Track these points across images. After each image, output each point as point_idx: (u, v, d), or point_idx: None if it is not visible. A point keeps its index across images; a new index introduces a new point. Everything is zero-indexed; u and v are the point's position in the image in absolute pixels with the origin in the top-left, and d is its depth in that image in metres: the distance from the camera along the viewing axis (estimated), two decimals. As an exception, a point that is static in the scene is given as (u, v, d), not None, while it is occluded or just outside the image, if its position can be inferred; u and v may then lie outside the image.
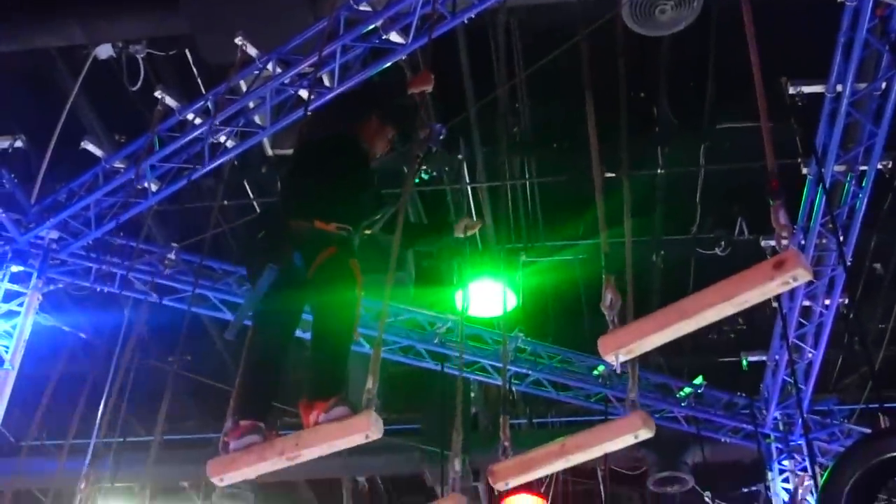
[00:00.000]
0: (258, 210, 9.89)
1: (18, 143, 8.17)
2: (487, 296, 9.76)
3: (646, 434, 3.59)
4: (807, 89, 8.18)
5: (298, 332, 4.19)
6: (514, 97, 9.13)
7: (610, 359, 3.57)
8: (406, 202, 4.27)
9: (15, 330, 8.44)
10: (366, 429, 3.37)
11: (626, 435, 3.63)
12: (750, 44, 3.77)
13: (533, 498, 10.74)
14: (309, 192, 4.31)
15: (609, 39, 6.22)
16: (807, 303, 9.40)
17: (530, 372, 10.01)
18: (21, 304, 8.56)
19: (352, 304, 3.94)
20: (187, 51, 8.45)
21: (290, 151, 8.50)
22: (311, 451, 3.51)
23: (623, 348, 3.55)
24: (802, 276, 3.17)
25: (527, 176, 9.83)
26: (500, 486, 4.06)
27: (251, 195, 9.78)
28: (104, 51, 8.24)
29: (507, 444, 4.10)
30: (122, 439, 9.66)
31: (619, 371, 3.74)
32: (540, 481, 10.76)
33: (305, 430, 3.58)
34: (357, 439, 3.41)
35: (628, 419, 3.65)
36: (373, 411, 3.38)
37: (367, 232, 4.45)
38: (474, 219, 4.66)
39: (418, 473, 11.45)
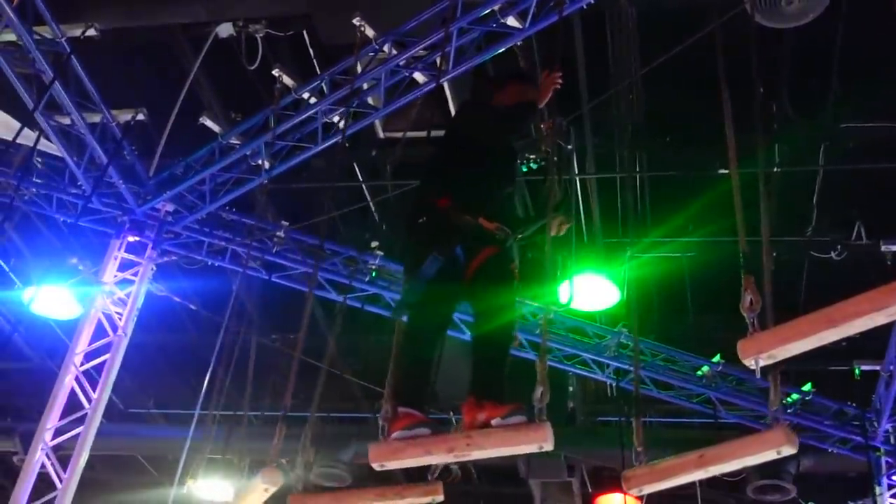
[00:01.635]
0: (367, 192, 9.97)
1: (140, 117, 8.38)
2: (591, 289, 9.61)
3: (789, 450, 3.48)
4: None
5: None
6: (629, 88, 8.96)
7: (749, 363, 3.45)
8: (551, 215, 4.24)
9: (129, 298, 8.70)
10: (543, 440, 3.42)
11: (769, 450, 3.53)
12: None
13: (627, 497, 10.56)
14: (475, 187, 4.31)
15: (730, 30, 6.03)
16: (927, 312, 8.99)
17: (632, 369, 9.83)
18: (135, 274, 8.82)
19: (513, 308, 4.07)
20: (304, 32, 8.55)
21: (401, 134, 8.57)
22: (481, 453, 3.56)
23: (764, 353, 3.43)
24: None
25: (637, 169, 9.65)
26: (633, 493, 3.97)
27: (360, 178, 9.85)
28: (225, 29, 8.42)
29: (640, 448, 4.01)
30: (224, 412, 9.84)
31: (758, 376, 3.60)
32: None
33: (478, 431, 3.61)
34: (530, 448, 3.48)
35: (771, 433, 3.54)
36: (548, 423, 3.41)
37: (520, 237, 4.40)
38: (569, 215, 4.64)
39: (511, 464, 11.38)
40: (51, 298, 9.33)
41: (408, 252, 4.42)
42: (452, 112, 8.12)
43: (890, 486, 9.92)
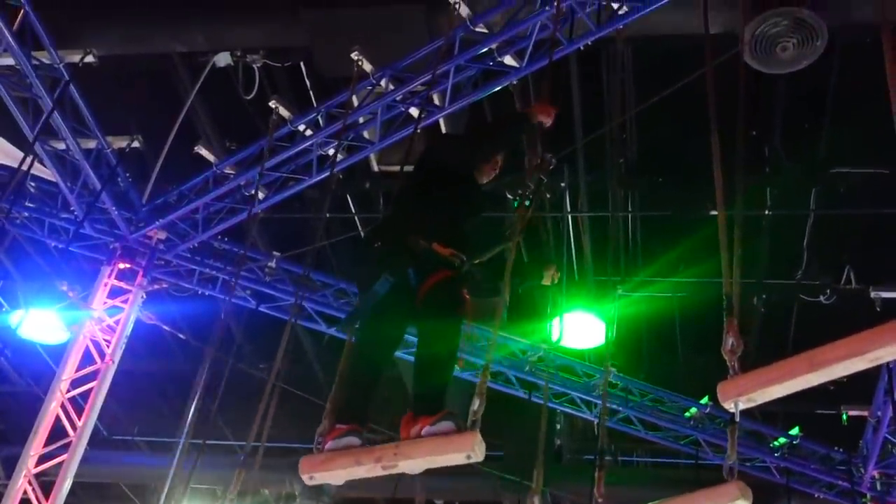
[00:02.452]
0: (359, 224, 9.98)
1: (135, 144, 8.38)
2: (581, 327, 9.62)
3: None
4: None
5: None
6: (623, 126, 9.02)
7: (729, 406, 3.43)
8: (517, 241, 4.20)
9: (117, 325, 8.65)
10: (468, 448, 3.33)
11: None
12: (892, 91, 3.60)
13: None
14: (427, 212, 4.32)
15: (725, 73, 6.08)
16: (915, 359, 9.00)
17: (621, 409, 9.82)
18: (125, 301, 8.78)
19: (458, 332, 4.00)
20: (302, 63, 8.59)
21: (396, 168, 8.58)
22: (409, 464, 3.48)
23: (744, 396, 3.40)
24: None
25: (629, 208, 9.69)
26: None
27: (353, 209, 9.87)
28: (223, 59, 8.44)
29: (600, 500, 4.03)
30: (208, 441, 9.76)
31: (737, 420, 3.59)
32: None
33: (406, 440, 3.57)
34: (458, 458, 3.37)
35: (726, 488, 3.48)
36: (478, 432, 3.34)
37: (476, 262, 4.38)
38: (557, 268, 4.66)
39: (497, 501, 11.32)
40: (38, 323, 9.26)
41: (360, 274, 4.39)
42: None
43: (876, 532, 9.91)
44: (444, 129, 7.93)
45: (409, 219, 4.35)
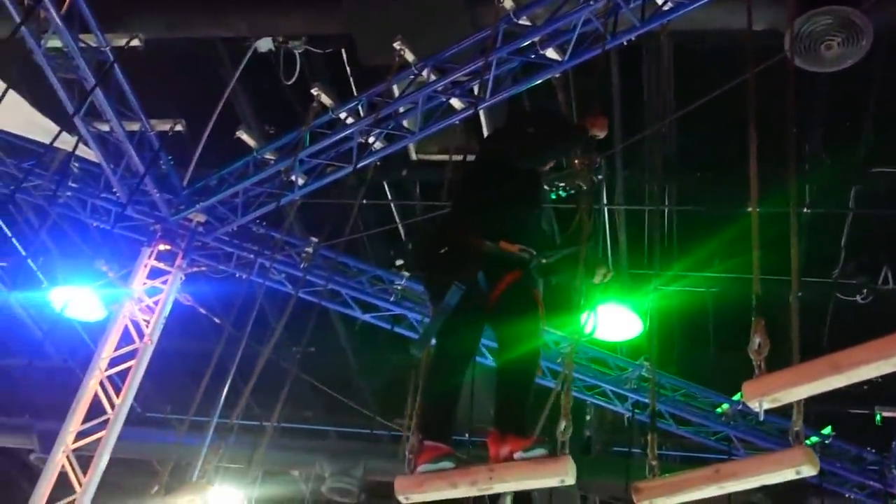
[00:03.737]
0: (395, 212, 10.03)
1: (179, 128, 8.47)
2: (615, 320, 9.62)
3: (809, 470, 3.40)
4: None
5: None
6: (662, 121, 8.98)
7: (754, 405, 3.44)
8: (587, 244, 4.25)
9: (157, 306, 8.77)
10: (564, 473, 3.44)
11: (787, 469, 3.46)
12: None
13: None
14: (490, 210, 4.28)
15: (767, 71, 6.04)
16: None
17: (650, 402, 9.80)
18: (164, 282, 8.89)
19: (538, 336, 4.01)
20: (343, 50, 8.63)
21: (434, 157, 8.62)
22: (504, 486, 3.62)
23: (768, 396, 3.41)
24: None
25: (666, 202, 9.66)
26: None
27: (390, 196, 9.92)
28: (264, 44, 8.52)
29: (654, 462, 4.03)
30: (239, 421, 9.88)
31: (762, 418, 3.60)
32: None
33: (501, 463, 3.65)
34: (552, 482, 3.49)
35: (791, 452, 3.45)
36: (570, 457, 3.45)
37: (544, 261, 4.36)
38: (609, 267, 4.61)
39: (525, 492, 11.36)
40: (76, 300, 9.42)
41: (431, 284, 4.39)
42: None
43: (906, 534, 9.88)
44: (483, 121, 7.94)
45: (471, 217, 4.30)
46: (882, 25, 7.07)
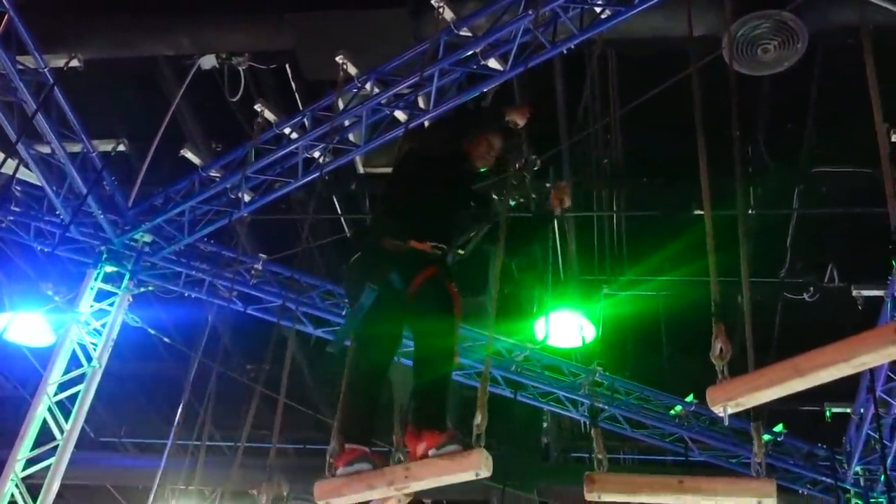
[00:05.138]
0: (345, 225, 10.00)
1: (121, 147, 8.39)
2: (567, 326, 9.66)
3: (769, 502, 3.62)
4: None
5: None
6: (607, 128, 9.07)
7: (718, 410, 3.48)
8: (505, 222, 4.19)
9: (104, 328, 8.65)
10: (477, 467, 3.41)
11: (750, 498, 3.65)
12: (872, 92, 3.66)
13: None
14: (403, 210, 4.29)
15: (708, 75, 6.12)
16: (898, 356, 9.08)
17: (606, 407, 9.87)
18: (112, 304, 8.78)
19: (452, 331, 3.96)
20: (287, 66, 8.60)
21: (382, 170, 8.61)
22: (420, 484, 3.56)
23: (732, 401, 3.45)
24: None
25: (614, 207, 9.74)
26: (592, 497, 3.92)
27: (339, 210, 9.89)
28: (208, 61, 8.45)
29: (600, 456, 4.18)
30: (197, 442, 9.78)
31: (727, 423, 3.64)
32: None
33: (416, 462, 3.63)
34: (467, 476, 3.45)
35: (758, 483, 3.64)
36: (483, 449, 3.41)
37: (461, 252, 4.36)
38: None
39: (485, 499, 11.36)
40: (24, 326, 9.25)
41: (347, 288, 4.40)
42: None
43: (859, 527, 10.01)
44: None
45: (385, 219, 4.33)
46: (817, 28, 7.19)
